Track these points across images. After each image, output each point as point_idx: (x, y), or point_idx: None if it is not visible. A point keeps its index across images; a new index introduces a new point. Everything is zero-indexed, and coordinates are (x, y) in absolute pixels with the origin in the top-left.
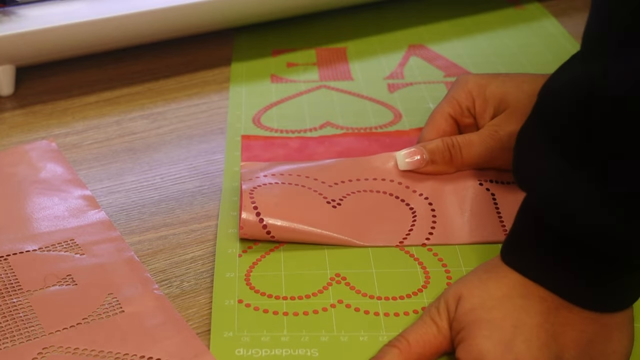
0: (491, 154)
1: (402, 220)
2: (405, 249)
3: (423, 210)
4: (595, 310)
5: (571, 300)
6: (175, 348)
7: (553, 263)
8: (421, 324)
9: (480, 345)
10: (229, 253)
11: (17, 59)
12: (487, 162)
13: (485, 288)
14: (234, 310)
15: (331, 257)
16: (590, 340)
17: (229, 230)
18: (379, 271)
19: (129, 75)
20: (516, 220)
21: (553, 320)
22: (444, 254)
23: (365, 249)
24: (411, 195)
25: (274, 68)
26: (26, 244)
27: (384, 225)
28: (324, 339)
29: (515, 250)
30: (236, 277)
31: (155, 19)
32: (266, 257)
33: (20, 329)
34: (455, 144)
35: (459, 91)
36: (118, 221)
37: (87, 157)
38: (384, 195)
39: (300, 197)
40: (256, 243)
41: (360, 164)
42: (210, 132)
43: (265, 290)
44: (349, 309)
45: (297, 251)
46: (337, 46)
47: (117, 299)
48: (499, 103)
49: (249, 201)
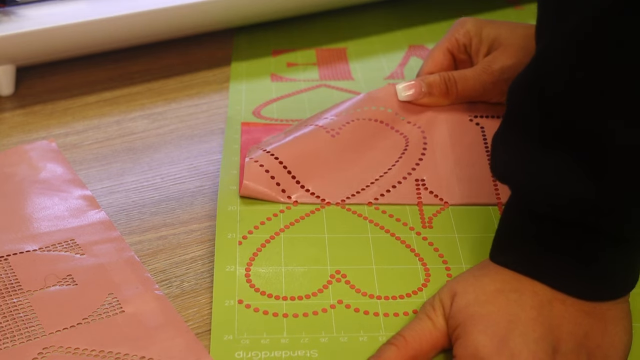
0: (484, 87)
1: (395, 147)
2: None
3: (415, 137)
4: (587, 298)
5: (561, 289)
6: (175, 350)
7: (540, 253)
8: (417, 321)
9: (477, 340)
10: (229, 238)
11: (17, 59)
12: (480, 95)
13: (479, 284)
14: (233, 312)
15: (332, 252)
16: (586, 333)
17: (229, 208)
18: (379, 267)
19: (129, 75)
20: (501, 220)
21: (547, 313)
22: (444, 249)
23: (366, 243)
24: (406, 125)
25: (274, 68)
26: (26, 244)
27: (377, 152)
28: (324, 340)
29: (502, 248)
30: (236, 272)
31: (155, 19)
32: (266, 247)
33: (21, 329)
34: (451, 78)
35: (458, 30)
36: (118, 221)
37: (87, 157)
38: (380, 125)
39: (300, 130)
40: (256, 227)
41: (362, 97)
42: (210, 132)
43: (265, 289)
44: (348, 309)
45: (297, 244)
46: (337, 46)
47: (117, 299)
48: (493, 42)
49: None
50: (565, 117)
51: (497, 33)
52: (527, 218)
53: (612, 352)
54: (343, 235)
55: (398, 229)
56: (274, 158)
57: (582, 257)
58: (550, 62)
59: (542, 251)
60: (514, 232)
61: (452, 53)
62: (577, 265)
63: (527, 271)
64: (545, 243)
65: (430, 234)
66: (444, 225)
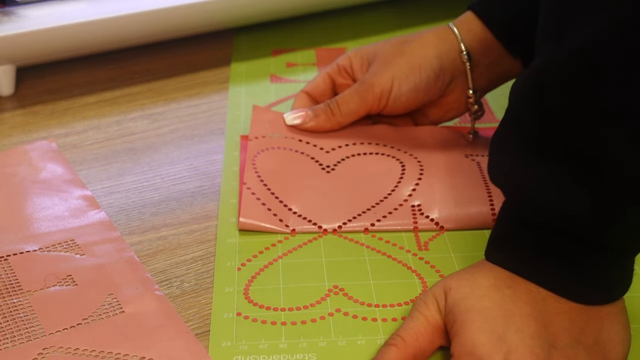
0: (364, 102)
1: (391, 174)
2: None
3: (411, 165)
4: (580, 302)
5: (554, 291)
6: (175, 350)
7: (532, 256)
8: (411, 319)
9: (474, 337)
10: (228, 266)
11: (17, 59)
12: (366, 110)
13: (474, 279)
14: (232, 322)
15: (329, 269)
16: (582, 329)
17: (228, 240)
18: (377, 282)
19: (129, 75)
20: (495, 223)
21: (542, 309)
22: (440, 265)
23: (364, 264)
24: (402, 155)
25: (273, 68)
26: (26, 244)
27: (374, 179)
28: (322, 345)
29: (497, 248)
30: (235, 292)
31: (155, 19)
32: (265, 271)
33: (21, 329)
34: (333, 101)
35: (340, 58)
36: (118, 221)
37: (87, 157)
38: (376, 156)
39: (296, 165)
40: (254, 256)
41: (359, 129)
42: (210, 132)
43: (264, 303)
44: (346, 316)
45: (295, 264)
46: (337, 46)
47: (118, 299)
48: (372, 58)
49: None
50: (562, 129)
51: (374, 48)
52: (520, 223)
53: (610, 347)
54: (340, 259)
55: (394, 252)
56: (269, 192)
57: (574, 263)
58: (552, 73)
59: (535, 255)
60: (508, 234)
61: (331, 78)
62: (569, 270)
63: (520, 272)
64: (538, 247)
65: (427, 255)
66: (439, 248)
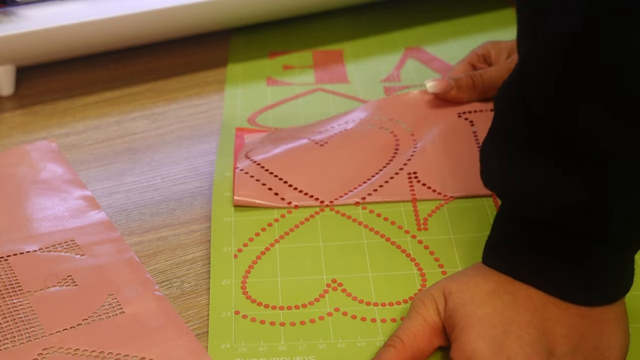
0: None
1: (386, 146)
2: (401, 247)
3: (405, 136)
4: (580, 303)
5: (554, 294)
6: (175, 351)
7: (531, 259)
8: (409, 320)
9: (473, 344)
10: (224, 252)
11: (17, 59)
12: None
13: (474, 283)
14: (230, 322)
15: (327, 261)
16: (582, 335)
17: (224, 219)
18: (375, 275)
19: (129, 75)
20: (492, 227)
21: (541, 316)
22: (440, 252)
23: (362, 250)
24: (395, 125)
25: (270, 70)
26: (26, 244)
27: (368, 151)
28: (322, 347)
29: (495, 253)
30: (232, 285)
31: (155, 19)
32: (262, 258)
33: (21, 329)
34: (476, 73)
35: (477, 47)
36: (118, 222)
37: (87, 157)
38: (369, 127)
39: (289, 143)
40: (251, 239)
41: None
42: (210, 133)
43: (262, 300)
44: (345, 316)
45: (293, 254)
46: (334, 48)
47: (118, 299)
48: (512, 49)
49: (243, 154)
50: (550, 125)
51: (512, 44)
52: (518, 225)
53: (609, 354)
54: (338, 243)
55: (393, 233)
56: (264, 170)
57: (574, 263)
58: (533, 70)
59: (534, 257)
60: (505, 238)
61: (472, 64)
62: (568, 270)
63: (520, 276)
64: (537, 249)
65: (426, 237)
66: (439, 226)
